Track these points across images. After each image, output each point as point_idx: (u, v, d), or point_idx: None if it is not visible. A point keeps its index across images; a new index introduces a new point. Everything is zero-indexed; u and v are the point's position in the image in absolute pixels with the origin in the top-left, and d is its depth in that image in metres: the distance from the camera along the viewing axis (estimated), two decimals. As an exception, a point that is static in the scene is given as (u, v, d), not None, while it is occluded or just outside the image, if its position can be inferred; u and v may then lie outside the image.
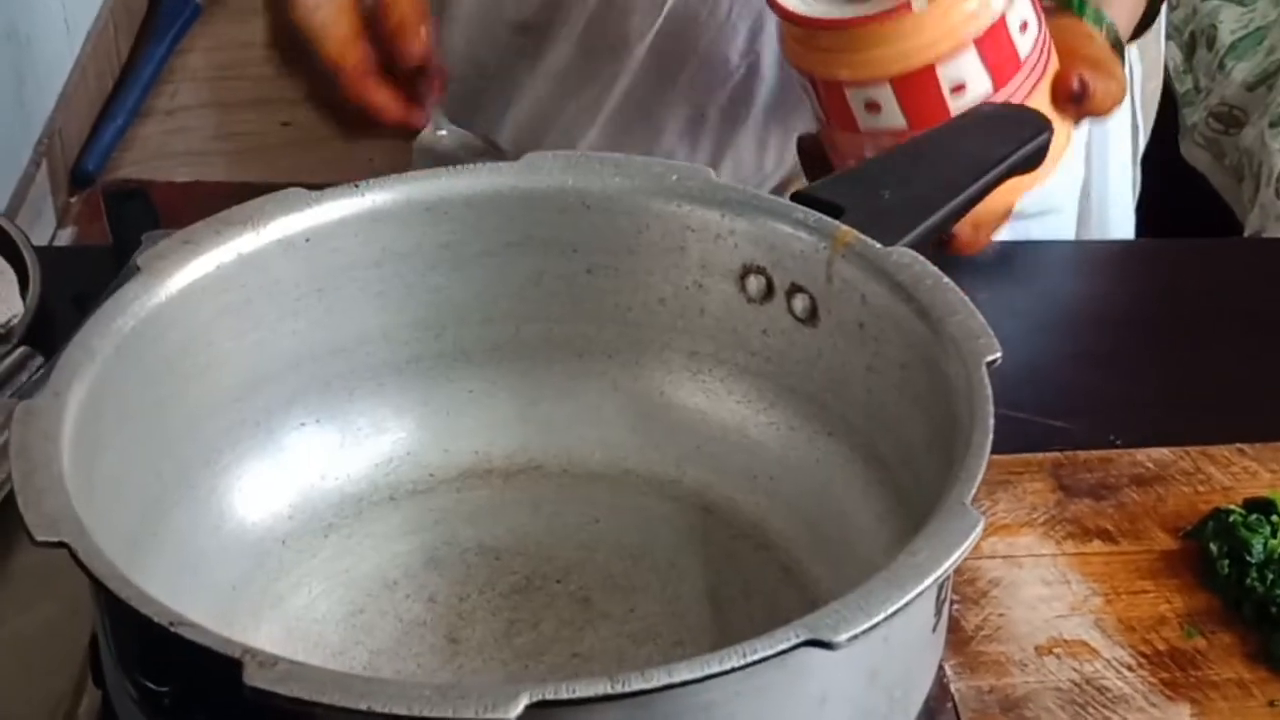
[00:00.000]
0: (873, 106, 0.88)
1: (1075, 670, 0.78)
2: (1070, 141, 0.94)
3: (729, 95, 1.06)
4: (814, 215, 0.74)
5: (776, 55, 1.05)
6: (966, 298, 0.70)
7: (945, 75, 0.88)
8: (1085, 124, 0.98)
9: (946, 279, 0.71)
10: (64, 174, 2.37)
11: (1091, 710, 0.76)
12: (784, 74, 1.05)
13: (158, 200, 1.07)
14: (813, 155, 0.95)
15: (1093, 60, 0.94)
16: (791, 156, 1.07)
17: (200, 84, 2.56)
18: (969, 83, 0.88)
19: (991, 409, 0.65)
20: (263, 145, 2.43)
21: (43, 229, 2.28)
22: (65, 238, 2.32)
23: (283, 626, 0.73)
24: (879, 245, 0.73)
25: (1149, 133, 1.21)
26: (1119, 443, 0.91)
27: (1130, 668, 0.78)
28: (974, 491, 0.62)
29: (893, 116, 0.88)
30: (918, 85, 0.88)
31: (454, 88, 1.12)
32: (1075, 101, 0.92)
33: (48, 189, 2.31)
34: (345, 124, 0.97)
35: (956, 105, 0.88)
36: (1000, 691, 0.77)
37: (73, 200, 2.37)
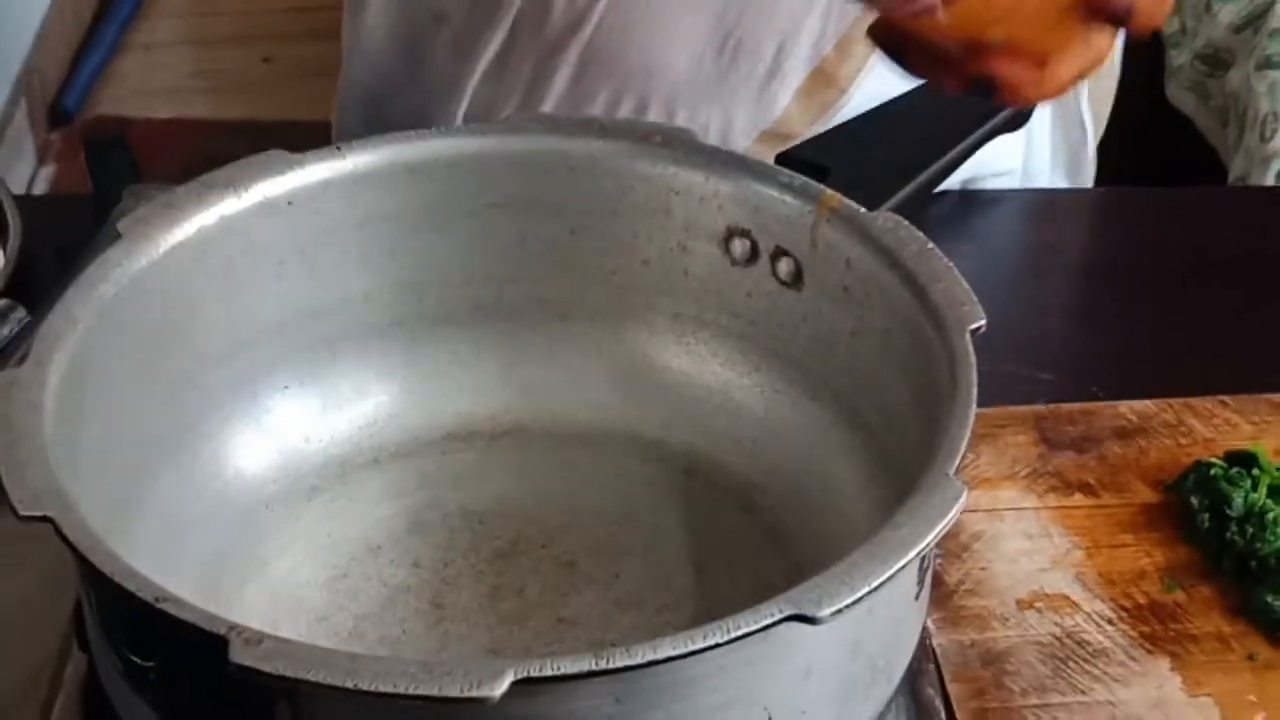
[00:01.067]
0: None
1: (1056, 624, 0.78)
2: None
3: (668, 86, 1.04)
4: (799, 178, 0.74)
5: (716, 43, 1.03)
6: (951, 264, 0.70)
7: None
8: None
9: (931, 244, 0.71)
10: (43, 111, 2.35)
11: (1072, 664, 0.77)
12: (725, 62, 1.03)
13: (137, 138, 1.07)
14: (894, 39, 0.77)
15: None
16: (736, 141, 1.05)
17: (179, 19, 2.54)
18: None
19: (975, 377, 0.65)
20: (242, 82, 2.42)
21: (23, 167, 2.27)
22: (45, 175, 2.31)
23: (267, 591, 0.73)
24: (864, 210, 0.73)
25: (1100, 134, 1.19)
26: (1101, 394, 0.91)
27: (1110, 621, 0.79)
28: (957, 462, 0.62)
29: None
30: None
31: (372, 76, 1.10)
32: (1116, 22, 0.74)
33: (27, 127, 2.29)
34: None
35: None
36: (982, 645, 0.77)
37: (52, 137, 2.36)
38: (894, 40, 0.74)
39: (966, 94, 0.73)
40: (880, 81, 0.69)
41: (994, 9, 0.71)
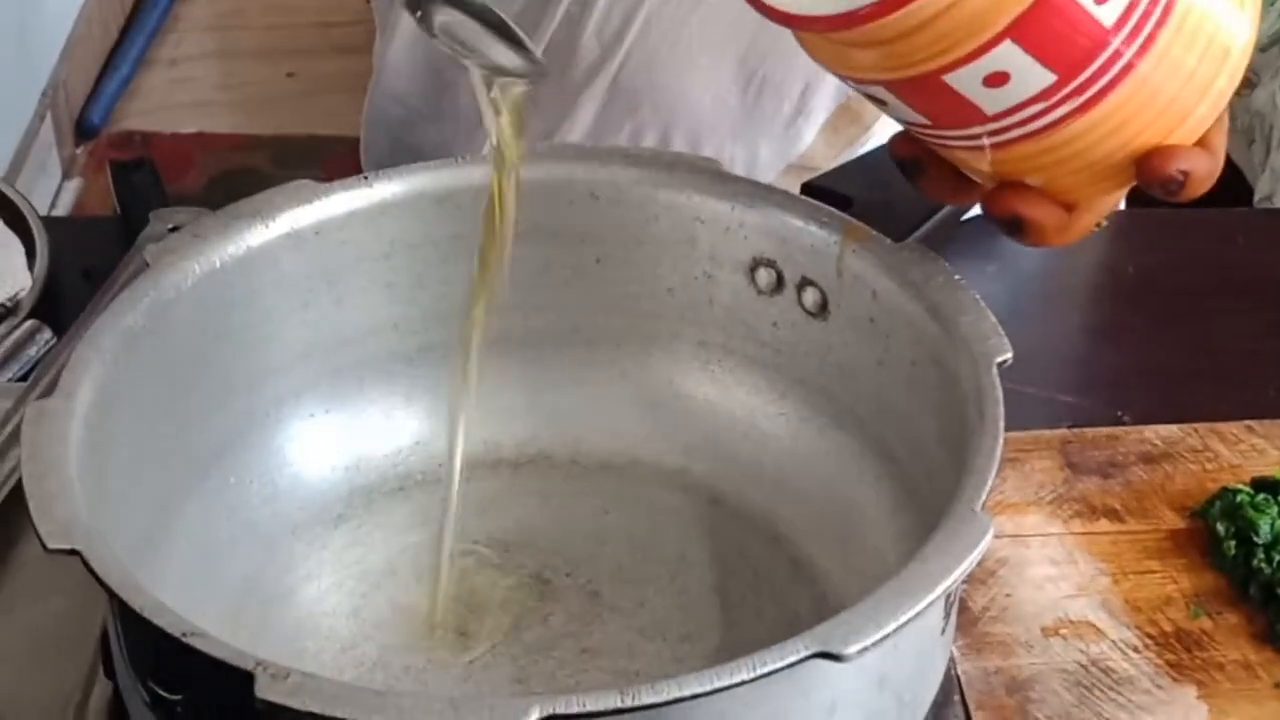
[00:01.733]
0: (996, 79, 0.64)
1: (1081, 651, 0.78)
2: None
3: (692, 124, 1.05)
4: (825, 209, 0.74)
5: (742, 81, 1.03)
6: (977, 296, 0.70)
7: None
8: None
9: (957, 275, 0.71)
10: (69, 125, 2.36)
11: (1097, 692, 0.76)
12: (750, 101, 1.03)
13: (162, 152, 1.08)
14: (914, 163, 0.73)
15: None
16: (760, 176, 1.05)
17: (204, 33, 2.55)
18: None
19: (1002, 412, 0.65)
20: (267, 96, 2.42)
21: (48, 181, 2.27)
22: (70, 190, 2.32)
23: (293, 619, 0.74)
24: (889, 241, 0.73)
25: None
26: (1127, 419, 0.91)
27: (1136, 649, 0.78)
28: (984, 497, 0.62)
29: (1030, 76, 0.64)
30: (1052, 9, 0.62)
31: (397, 110, 1.11)
32: (1167, 193, 0.68)
33: (52, 141, 2.30)
34: None
35: (1109, 14, 0.64)
36: (1006, 673, 0.77)
37: (77, 152, 2.37)
38: (917, 159, 0.71)
39: (992, 222, 0.71)
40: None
41: (1049, 157, 0.67)
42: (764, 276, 0.77)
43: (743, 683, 0.56)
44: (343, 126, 2.32)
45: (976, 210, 0.94)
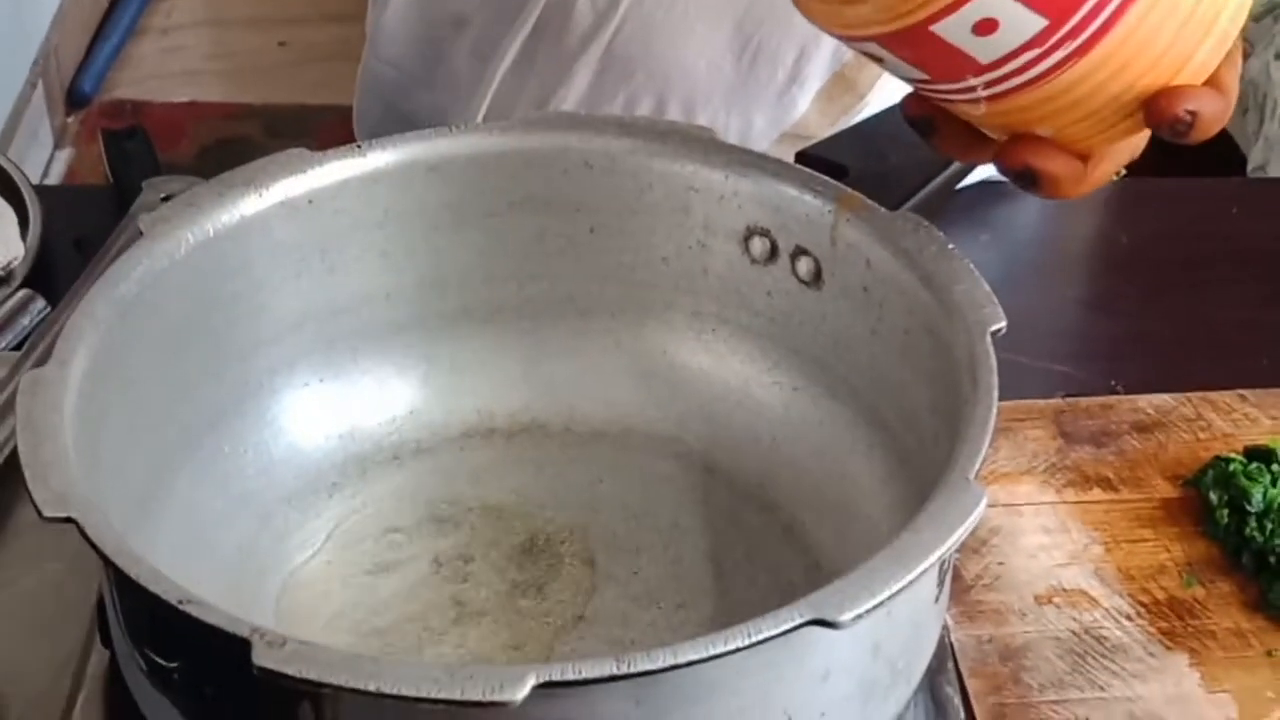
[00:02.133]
0: (985, 26, 0.64)
1: (1074, 619, 0.79)
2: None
3: (687, 90, 1.05)
4: (819, 178, 0.74)
5: (736, 48, 1.03)
6: (971, 265, 0.70)
7: None
8: None
9: (951, 245, 0.71)
10: (60, 94, 2.36)
11: (1090, 660, 0.77)
12: (745, 67, 1.03)
13: (153, 121, 1.07)
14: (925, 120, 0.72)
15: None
16: (754, 144, 1.05)
17: (195, 2, 2.54)
18: None
19: (995, 380, 0.65)
20: (258, 65, 2.42)
21: (39, 150, 2.27)
22: (62, 159, 2.31)
23: (288, 588, 0.74)
24: (884, 210, 0.73)
25: None
26: (1120, 388, 0.92)
27: (1129, 617, 0.79)
28: (978, 466, 0.62)
29: (1020, 22, 0.63)
30: None
31: (392, 75, 1.10)
32: (1175, 135, 0.67)
33: (44, 110, 2.30)
34: None
35: None
36: (999, 641, 0.77)
37: (69, 120, 2.36)
38: (928, 117, 0.70)
39: (1006, 176, 0.70)
40: (900, 87, 0.68)
41: (1051, 105, 0.66)
42: (758, 245, 0.77)
43: (738, 650, 0.56)
44: (334, 95, 2.31)
45: (971, 179, 0.94)
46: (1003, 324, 0.68)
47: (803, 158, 0.77)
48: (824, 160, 0.76)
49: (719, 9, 1.01)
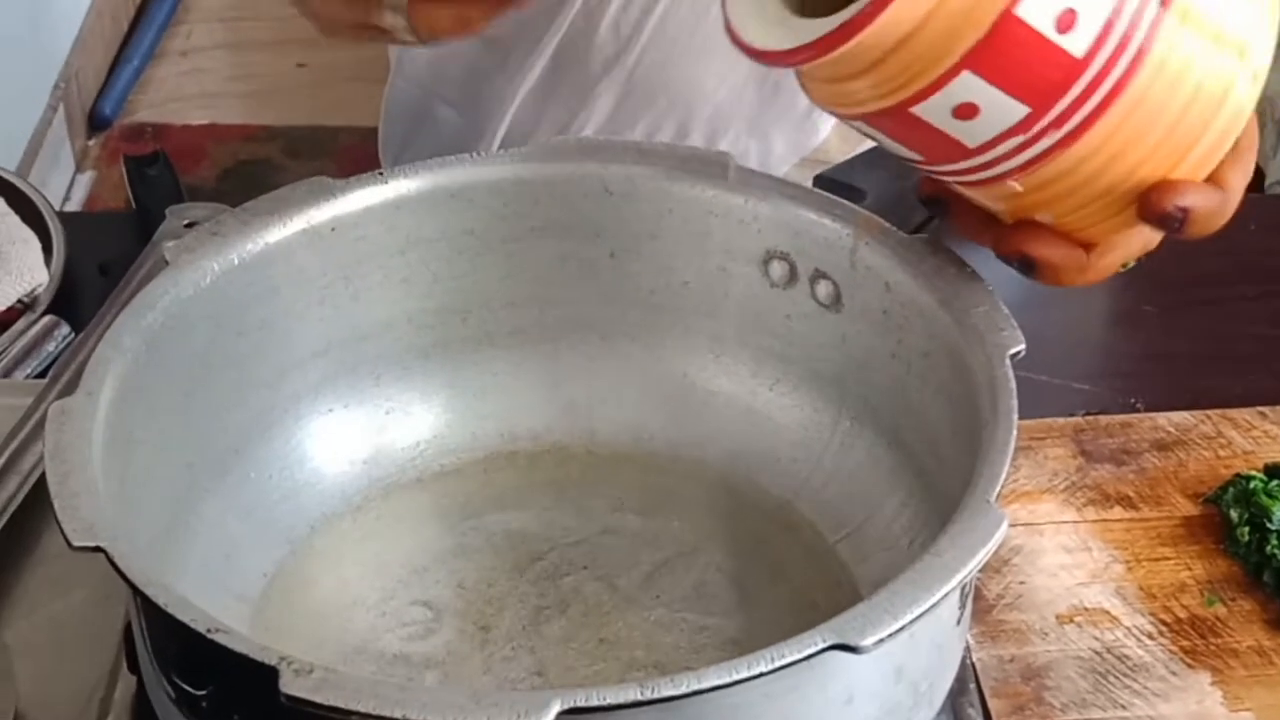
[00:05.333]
0: (965, 111, 0.63)
1: (1096, 639, 0.79)
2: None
3: (709, 116, 1.05)
4: (838, 202, 0.75)
5: (759, 75, 1.03)
6: (990, 287, 0.70)
7: (1032, 10, 0.61)
8: None
9: (970, 267, 0.71)
10: (81, 117, 2.37)
11: (1112, 679, 0.77)
12: (766, 93, 1.04)
13: (173, 143, 1.08)
14: (943, 201, 0.72)
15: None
16: (774, 168, 1.06)
17: (214, 25, 2.55)
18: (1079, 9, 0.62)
19: (1015, 404, 0.65)
20: (277, 87, 2.43)
21: (61, 173, 2.28)
22: (83, 182, 2.32)
23: (314, 614, 0.74)
24: (902, 233, 0.73)
25: None
26: (1140, 406, 0.92)
27: (1151, 636, 0.79)
28: (999, 489, 0.62)
29: (1001, 108, 0.63)
30: (1009, 40, 0.61)
31: (417, 95, 1.11)
32: (1168, 230, 0.67)
33: (65, 133, 2.31)
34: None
35: (1078, 44, 0.62)
36: (1021, 660, 0.77)
37: (90, 144, 2.37)
38: (941, 197, 0.71)
39: (1007, 263, 0.69)
40: None
41: (1044, 192, 0.66)
42: (777, 269, 0.77)
43: (761, 675, 0.56)
44: (353, 117, 2.33)
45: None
46: (1022, 346, 0.68)
47: (821, 181, 0.78)
48: (842, 184, 0.77)
49: None
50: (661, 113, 1.04)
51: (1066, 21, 0.61)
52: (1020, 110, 0.62)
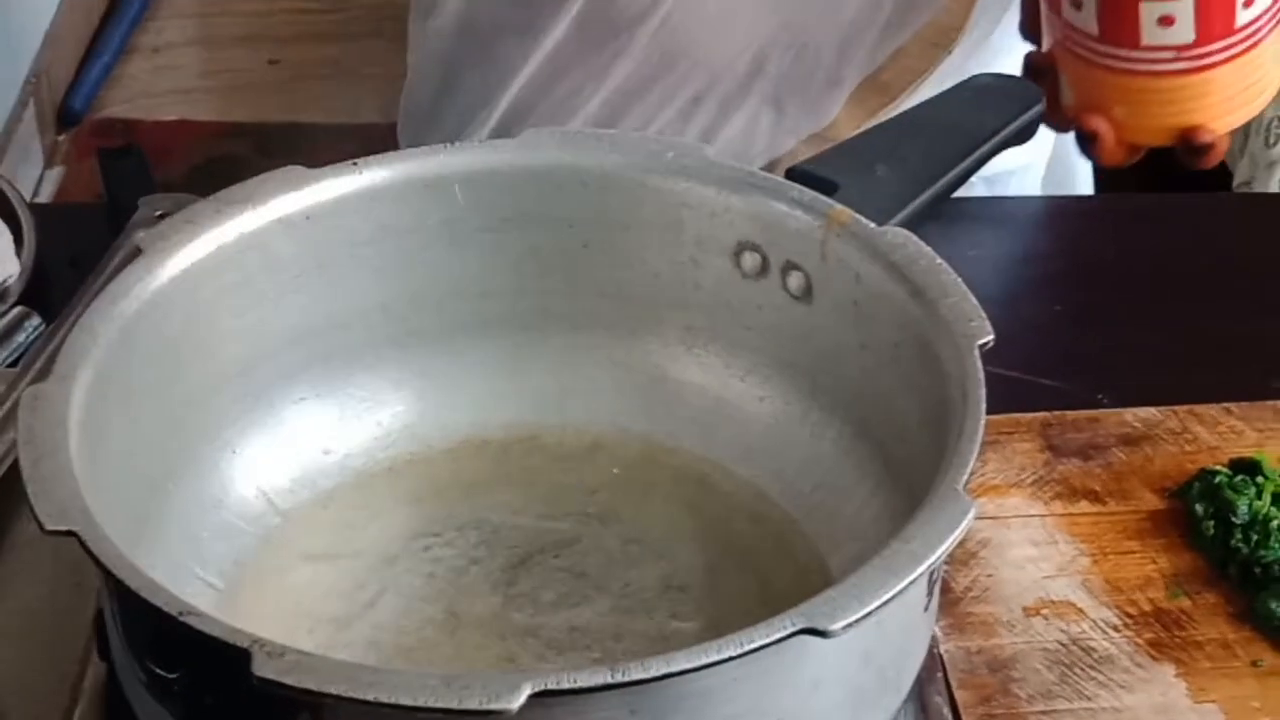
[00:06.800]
0: (1166, 20, 0.84)
1: (1062, 631, 0.79)
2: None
3: (727, 83, 1.06)
4: (809, 194, 0.75)
5: (781, 45, 1.03)
6: (960, 279, 0.71)
7: None
8: None
9: (940, 260, 0.72)
10: (51, 113, 2.36)
11: (1078, 670, 0.77)
12: (786, 64, 1.04)
13: (145, 139, 1.08)
14: (1043, 71, 0.89)
15: None
16: (783, 141, 1.07)
17: (186, 20, 2.54)
18: None
19: (984, 394, 0.66)
20: (250, 83, 2.42)
21: (31, 169, 2.27)
22: (53, 178, 2.31)
23: (286, 600, 0.74)
24: (873, 225, 0.74)
25: None
26: (1106, 401, 0.92)
27: (1116, 628, 0.80)
28: (967, 477, 0.63)
29: (1183, 30, 0.84)
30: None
31: (445, 53, 1.11)
32: (1195, 154, 0.89)
33: (35, 128, 2.30)
34: None
35: (1243, 17, 0.85)
36: (988, 652, 0.78)
37: (60, 139, 2.36)
38: (1049, 68, 0.88)
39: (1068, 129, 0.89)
40: (923, 92, 0.70)
41: (1149, 95, 0.86)
42: (749, 261, 0.78)
43: (730, 659, 0.57)
44: (325, 114, 2.32)
45: (960, 193, 0.95)
46: (991, 337, 0.68)
47: (793, 174, 0.78)
48: (814, 176, 0.77)
49: (770, 4, 1.02)
50: (678, 81, 1.04)
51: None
52: (1190, 36, 0.84)
